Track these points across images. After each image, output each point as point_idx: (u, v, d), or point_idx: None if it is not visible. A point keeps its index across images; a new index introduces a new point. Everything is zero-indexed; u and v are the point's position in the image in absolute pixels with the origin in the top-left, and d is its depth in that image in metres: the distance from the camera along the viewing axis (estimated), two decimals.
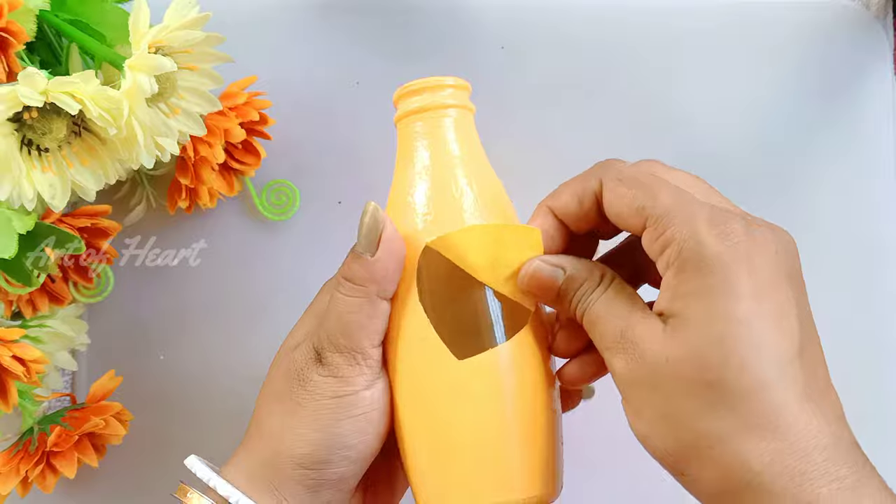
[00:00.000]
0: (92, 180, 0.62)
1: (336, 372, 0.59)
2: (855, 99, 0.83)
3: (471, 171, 0.63)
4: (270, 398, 0.62)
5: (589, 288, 0.58)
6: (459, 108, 0.64)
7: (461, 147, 0.64)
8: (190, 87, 0.65)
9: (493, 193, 0.64)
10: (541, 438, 0.61)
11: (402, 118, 0.64)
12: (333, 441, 0.59)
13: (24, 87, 0.56)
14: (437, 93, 0.63)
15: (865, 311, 0.83)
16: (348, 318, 0.59)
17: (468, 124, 0.65)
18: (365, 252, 0.59)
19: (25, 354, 0.67)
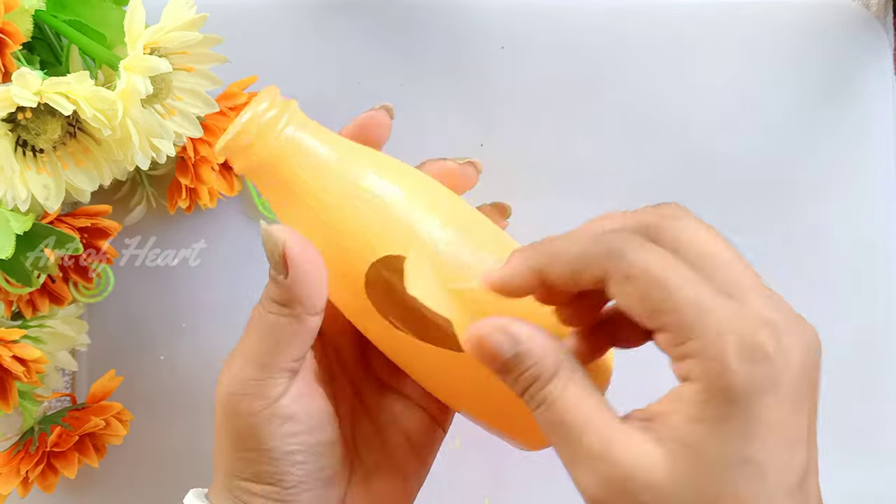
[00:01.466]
0: (86, 181, 0.62)
1: (245, 389, 0.56)
2: (855, 99, 0.83)
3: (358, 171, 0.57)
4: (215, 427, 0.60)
5: (543, 375, 0.50)
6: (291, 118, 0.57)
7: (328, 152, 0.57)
8: (187, 89, 0.65)
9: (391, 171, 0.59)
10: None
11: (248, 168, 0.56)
12: (269, 454, 0.57)
13: (18, 88, 0.56)
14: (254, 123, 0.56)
15: (865, 310, 0.82)
16: (271, 334, 0.56)
17: (307, 126, 0.58)
18: (277, 275, 0.55)
19: (26, 354, 0.67)
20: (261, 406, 0.56)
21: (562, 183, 0.81)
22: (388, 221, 0.56)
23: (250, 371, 0.56)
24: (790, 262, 0.82)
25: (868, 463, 0.82)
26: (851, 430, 0.82)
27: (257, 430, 0.56)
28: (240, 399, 0.56)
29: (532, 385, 0.50)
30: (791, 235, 0.82)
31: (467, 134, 0.81)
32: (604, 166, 0.82)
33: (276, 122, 0.55)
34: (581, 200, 0.82)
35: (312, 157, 0.56)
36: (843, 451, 0.82)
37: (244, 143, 0.55)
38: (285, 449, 0.57)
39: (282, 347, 0.56)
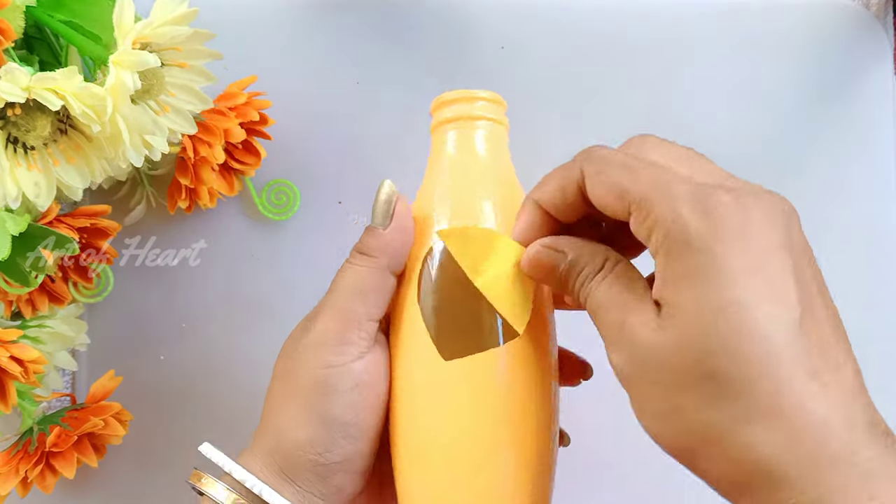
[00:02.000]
0: (78, 179, 0.62)
1: (323, 338, 0.59)
2: (855, 99, 0.82)
3: (492, 181, 0.63)
4: (271, 388, 0.62)
5: (590, 273, 0.55)
6: (491, 121, 0.64)
7: (488, 156, 0.63)
8: (181, 85, 0.65)
9: (513, 205, 0.61)
10: (531, 458, 0.59)
11: (435, 127, 0.64)
12: (328, 421, 0.58)
13: (6, 83, 0.56)
14: (470, 104, 0.63)
15: (865, 310, 0.82)
16: (354, 284, 0.59)
17: (498, 137, 0.65)
18: (378, 225, 0.60)
19: (23, 355, 0.67)
20: (338, 361, 0.59)
21: None
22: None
23: (332, 324, 0.59)
24: None
25: None
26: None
27: (327, 387, 0.58)
28: (318, 349, 0.59)
29: (584, 283, 0.55)
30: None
31: None
32: None
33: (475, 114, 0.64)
34: None
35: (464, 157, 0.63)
36: None
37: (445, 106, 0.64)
38: (347, 417, 0.59)
39: (362, 298, 0.59)
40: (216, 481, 0.60)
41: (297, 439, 0.58)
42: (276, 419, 0.60)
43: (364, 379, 0.59)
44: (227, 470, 0.60)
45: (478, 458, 0.57)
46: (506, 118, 0.65)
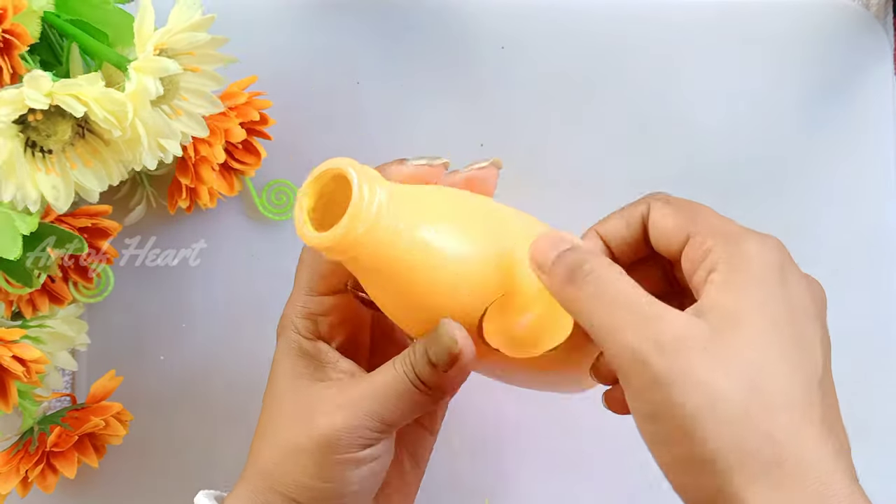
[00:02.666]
0: (95, 182, 0.62)
1: (351, 432, 0.58)
2: (855, 99, 0.83)
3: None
4: (266, 434, 0.61)
5: (591, 259, 0.55)
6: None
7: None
8: (192, 89, 0.65)
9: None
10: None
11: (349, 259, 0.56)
12: (339, 489, 0.59)
13: (30, 90, 0.56)
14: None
15: (865, 310, 0.83)
16: (403, 400, 0.58)
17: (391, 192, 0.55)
18: (438, 362, 0.57)
19: (25, 354, 0.67)
20: (358, 448, 0.58)
21: (562, 182, 0.82)
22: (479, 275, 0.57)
23: (369, 423, 0.58)
24: None
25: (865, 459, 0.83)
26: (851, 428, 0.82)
27: (345, 466, 0.58)
28: (346, 440, 0.58)
29: (581, 266, 0.54)
30: (790, 234, 0.81)
31: (467, 134, 0.81)
32: (604, 166, 0.82)
33: (381, 213, 0.53)
34: (581, 200, 0.82)
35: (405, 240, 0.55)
36: None
37: (351, 241, 0.53)
38: (355, 486, 0.59)
39: (407, 415, 0.59)
40: None
41: (298, 496, 0.59)
42: (276, 473, 0.60)
43: (378, 454, 0.59)
44: None
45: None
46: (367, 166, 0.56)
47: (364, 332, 0.64)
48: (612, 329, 0.51)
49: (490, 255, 0.57)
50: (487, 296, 0.56)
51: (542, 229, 0.61)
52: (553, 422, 0.80)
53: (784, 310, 0.52)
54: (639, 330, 0.50)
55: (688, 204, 0.57)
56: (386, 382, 0.58)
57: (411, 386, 0.58)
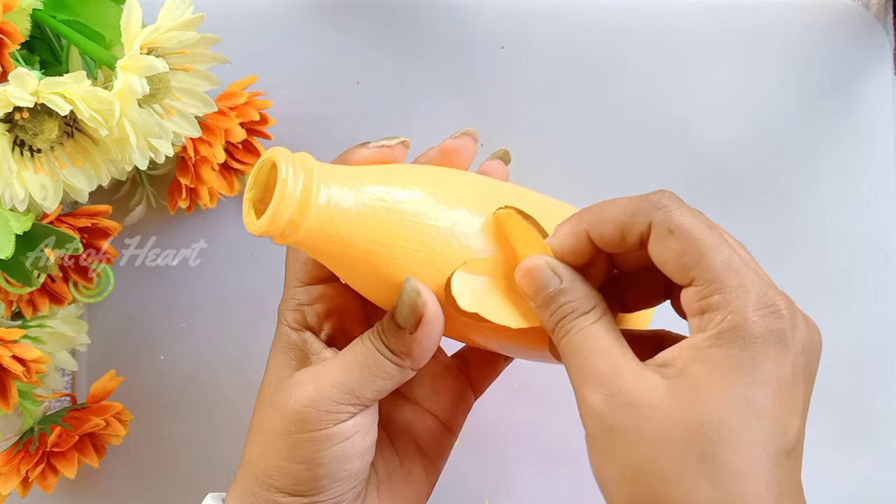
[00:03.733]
0: (84, 181, 0.62)
1: (323, 406, 0.57)
2: (855, 98, 0.83)
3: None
4: (253, 428, 0.61)
5: (578, 310, 0.55)
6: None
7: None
8: (185, 89, 0.65)
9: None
10: None
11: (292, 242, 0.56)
12: (316, 470, 0.58)
13: (15, 88, 0.56)
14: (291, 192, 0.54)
15: (865, 310, 0.82)
16: (374, 371, 0.58)
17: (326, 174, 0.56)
18: (404, 326, 0.57)
19: (25, 354, 0.67)
20: (327, 425, 0.57)
21: (562, 182, 0.81)
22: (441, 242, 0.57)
23: (336, 394, 0.57)
24: (790, 261, 0.82)
25: (868, 461, 0.82)
26: (851, 429, 0.82)
27: (316, 444, 0.57)
28: (314, 414, 0.57)
29: (566, 316, 0.55)
30: (791, 235, 0.82)
31: None
32: (604, 166, 0.82)
33: (309, 194, 0.54)
34: (581, 200, 0.81)
35: (350, 214, 0.55)
36: (842, 449, 0.82)
37: (282, 225, 0.54)
38: (333, 466, 0.58)
39: (376, 386, 0.58)
40: None
41: (282, 483, 0.59)
42: (259, 463, 0.60)
43: (355, 430, 0.59)
44: None
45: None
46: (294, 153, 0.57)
47: (355, 321, 0.63)
48: (581, 383, 0.53)
49: (451, 222, 0.57)
50: (450, 263, 0.57)
51: (511, 192, 0.62)
52: (553, 422, 0.79)
53: (765, 390, 0.50)
54: (600, 386, 0.52)
55: (693, 233, 0.53)
56: (353, 354, 0.58)
57: (378, 354, 0.58)
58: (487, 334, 0.60)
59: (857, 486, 0.82)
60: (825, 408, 0.82)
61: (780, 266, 0.82)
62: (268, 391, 0.61)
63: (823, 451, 0.82)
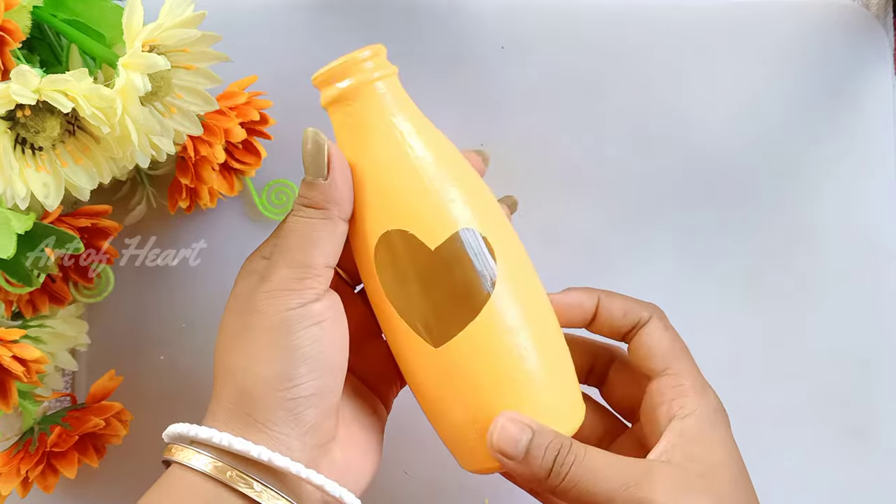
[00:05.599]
0: (86, 179, 0.62)
1: (282, 286, 0.59)
2: (855, 99, 0.83)
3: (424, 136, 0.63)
4: (224, 341, 0.62)
5: (564, 447, 0.60)
6: (386, 77, 0.64)
7: (405, 115, 0.64)
8: (186, 87, 0.65)
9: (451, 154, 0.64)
10: (565, 360, 0.64)
11: (334, 102, 0.64)
12: (293, 354, 0.58)
13: (17, 85, 0.56)
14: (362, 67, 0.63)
15: (865, 310, 0.82)
16: (308, 235, 0.60)
17: (398, 88, 0.65)
18: (316, 178, 0.60)
19: (25, 354, 0.67)
20: (297, 303, 0.59)
21: (562, 182, 0.81)
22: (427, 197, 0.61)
23: (289, 271, 0.60)
24: (789, 261, 0.82)
25: (866, 461, 0.82)
26: (851, 429, 0.82)
27: (289, 325, 0.58)
28: (278, 295, 0.59)
29: (558, 454, 0.60)
30: (790, 235, 0.82)
31: (467, 134, 0.81)
32: (604, 166, 0.82)
33: (372, 72, 0.63)
34: (581, 200, 0.82)
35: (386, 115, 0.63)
36: (841, 449, 0.82)
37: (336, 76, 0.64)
38: (309, 350, 0.59)
39: (318, 247, 0.60)
40: (186, 448, 0.60)
41: (263, 376, 0.58)
42: (238, 363, 0.60)
43: (325, 316, 0.60)
44: (192, 435, 0.59)
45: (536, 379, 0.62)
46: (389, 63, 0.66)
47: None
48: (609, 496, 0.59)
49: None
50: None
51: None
52: None
53: (738, 465, 0.63)
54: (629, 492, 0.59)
55: (678, 340, 0.67)
56: (287, 231, 0.61)
57: (305, 218, 0.60)
58: None
59: (858, 486, 0.82)
60: (825, 408, 0.82)
61: (780, 266, 0.82)
62: (237, 299, 0.62)
63: (823, 451, 0.82)
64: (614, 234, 0.82)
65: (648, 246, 0.82)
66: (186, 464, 0.59)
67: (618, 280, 0.77)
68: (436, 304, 0.61)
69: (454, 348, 0.61)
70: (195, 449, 0.59)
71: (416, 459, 0.79)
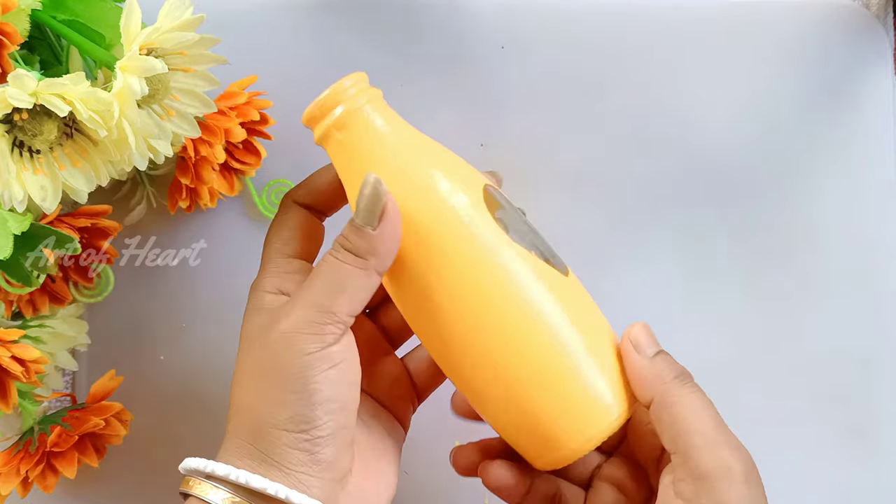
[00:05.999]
0: (83, 182, 0.62)
1: (302, 328, 0.58)
2: (855, 98, 0.83)
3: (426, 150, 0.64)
4: (239, 378, 0.62)
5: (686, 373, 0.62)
6: (374, 101, 0.64)
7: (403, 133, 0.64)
8: (184, 89, 0.65)
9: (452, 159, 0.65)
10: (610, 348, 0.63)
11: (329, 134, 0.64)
12: (310, 399, 0.58)
13: (13, 89, 0.56)
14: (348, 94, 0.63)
15: (866, 310, 0.82)
16: (339, 282, 0.59)
17: (388, 109, 0.65)
18: (366, 225, 0.59)
19: (25, 354, 0.67)
20: (314, 348, 0.58)
21: (562, 183, 0.81)
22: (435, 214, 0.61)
23: (311, 314, 0.59)
24: (790, 261, 0.82)
25: (866, 461, 0.82)
26: (851, 428, 0.82)
27: (306, 370, 0.58)
28: (296, 338, 0.58)
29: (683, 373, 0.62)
30: (791, 235, 0.82)
31: (467, 134, 0.81)
32: (604, 166, 0.82)
33: (358, 99, 0.63)
34: (581, 200, 0.82)
35: (382, 138, 0.63)
36: (841, 449, 0.82)
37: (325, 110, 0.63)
38: (327, 393, 0.58)
39: (346, 295, 0.59)
40: (204, 482, 0.59)
41: (279, 419, 0.58)
42: (252, 403, 0.59)
43: (343, 357, 0.59)
44: (209, 471, 0.59)
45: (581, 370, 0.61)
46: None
47: None
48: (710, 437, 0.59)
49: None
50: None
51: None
52: None
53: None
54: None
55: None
56: (318, 272, 0.60)
57: (341, 263, 0.59)
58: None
59: (858, 486, 0.82)
60: (825, 408, 0.82)
61: (780, 266, 0.82)
62: (249, 339, 0.62)
63: (823, 451, 0.82)
64: (614, 234, 0.82)
65: (648, 246, 0.82)
66: (204, 498, 0.58)
67: (618, 280, 0.77)
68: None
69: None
70: (213, 483, 0.59)
71: (416, 459, 0.79)
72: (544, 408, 0.61)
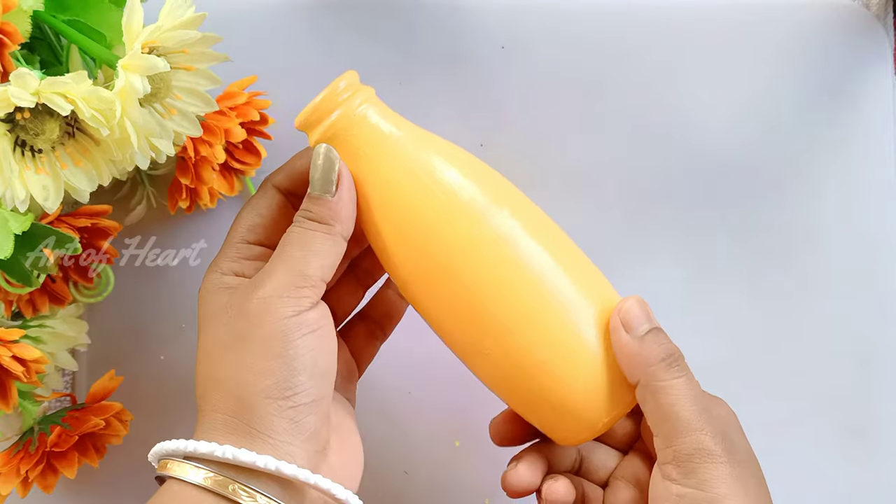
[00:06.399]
0: (85, 181, 0.62)
1: (278, 292, 0.59)
2: (855, 98, 0.83)
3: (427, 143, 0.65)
4: (210, 351, 0.62)
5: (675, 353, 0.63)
6: (369, 99, 0.65)
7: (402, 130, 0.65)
8: (186, 88, 0.65)
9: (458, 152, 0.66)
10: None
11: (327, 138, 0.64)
12: (292, 363, 0.58)
13: (16, 88, 0.56)
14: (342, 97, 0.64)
15: (866, 310, 0.82)
16: (309, 247, 0.61)
17: (382, 105, 0.66)
18: (324, 193, 0.61)
19: (25, 354, 0.67)
20: (292, 312, 0.59)
21: (562, 183, 0.82)
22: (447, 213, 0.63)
23: (288, 278, 0.60)
24: (790, 261, 0.82)
25: (866, 461, 0.82)
26: (851, 428, 0.82)
27: (287, 334, 0.59)
28: (275, 302, 0.59)
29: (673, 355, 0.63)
30: (791, 235, 0.82)
31: (467, 134, 0.81)
32: (604, 166, 0.82)
33: (354, 100, 0.63)
34: (581, 200, 0.82)
35: (383, 135, 0.64)
36: (841, 449, 0.82)
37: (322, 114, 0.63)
38: (308, 358, 0.59)
39: (317, 259, 0.60)
40: (183, 462, 0.59)
41: (262, 386, 0.58)
42: (230, 374, 0.60)
43: (321, 324, 0.60)
44: (191, 450, 0.59)
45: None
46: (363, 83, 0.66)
47: None
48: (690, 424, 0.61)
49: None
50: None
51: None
52: None
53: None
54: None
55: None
56: (287, 241, 0.62)
57: (308, 230, 0.61)
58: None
59: (858, 486, 0.82)
60: (825, 408, 0.82)
61: (780, 266, 0.82)
62: (215, 315, 0.62)
63: (823, 451, 0.82)
64: (614, 234, 0.82)
65: (648, 246, 0.82)
66: (184, 479, 0.58)
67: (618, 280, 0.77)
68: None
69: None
70: (192, 463, 0.59)
71: (416, 459, 0.79)
72: (567, 381, 0.62)
